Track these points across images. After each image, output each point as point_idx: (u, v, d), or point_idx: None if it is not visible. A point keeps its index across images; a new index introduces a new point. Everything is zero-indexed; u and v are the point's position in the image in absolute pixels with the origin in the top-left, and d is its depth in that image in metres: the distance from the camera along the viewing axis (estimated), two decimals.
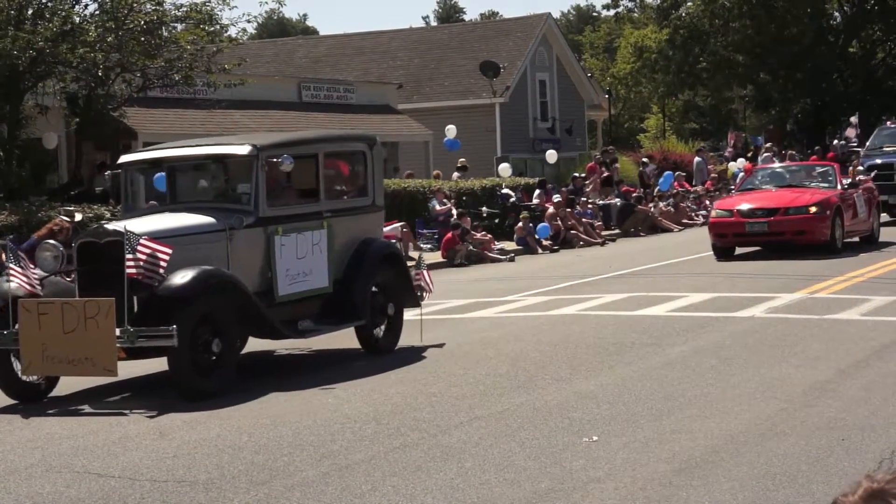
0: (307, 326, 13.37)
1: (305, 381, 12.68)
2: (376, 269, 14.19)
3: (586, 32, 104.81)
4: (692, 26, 65.25)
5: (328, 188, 14.21)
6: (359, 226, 14.37)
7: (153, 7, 26.81)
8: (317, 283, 13.57)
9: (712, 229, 24.78)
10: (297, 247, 13.30)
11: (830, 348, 13.18)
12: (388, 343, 14.36)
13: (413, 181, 33.66)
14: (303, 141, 14.59)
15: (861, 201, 25.40)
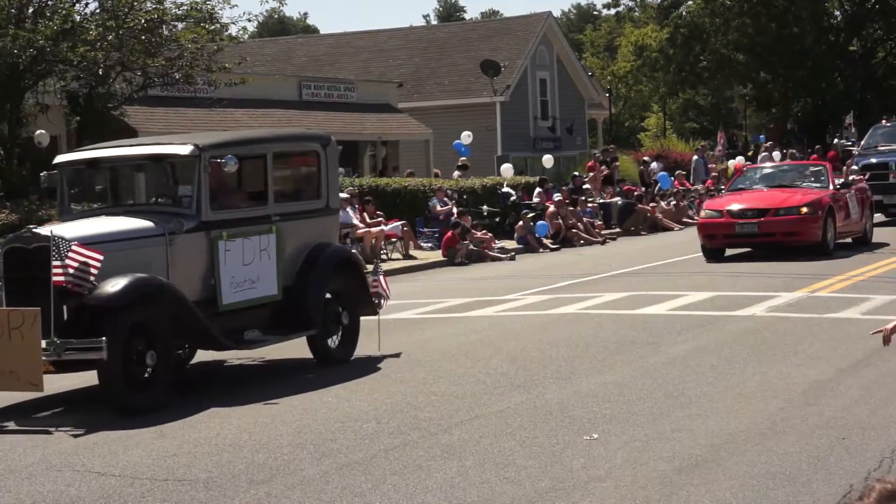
0: (254, 337, 12.73)
1: (306, 382, 12.68)
2: (330, 276, 13.57)
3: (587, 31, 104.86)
4: (692, 25, 65.30)
5: (278, 190, 13.52)
6: (311, 230, 13.68)
7: (154, 6, 26.83)
8: (265, 290, 12.89)
9: (701, 230, 24.36)
10: (243, 252, 12.63)
11: (831, 347, 13.18)
12: (343, 353, 13.72)
13: (413, 180, 33.67)
14: (249, 140, 13.83)
15: (854, 202, 25.06)
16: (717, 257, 23.78)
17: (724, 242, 23.96)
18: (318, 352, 13.59)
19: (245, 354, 13.86)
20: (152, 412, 10.92)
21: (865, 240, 25.75)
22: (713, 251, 23.96)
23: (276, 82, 40.46)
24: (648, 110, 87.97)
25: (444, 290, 21.46)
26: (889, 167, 31.46)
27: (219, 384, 12.96)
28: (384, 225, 28.37)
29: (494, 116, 48.46)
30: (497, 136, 48.22)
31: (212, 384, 12.97)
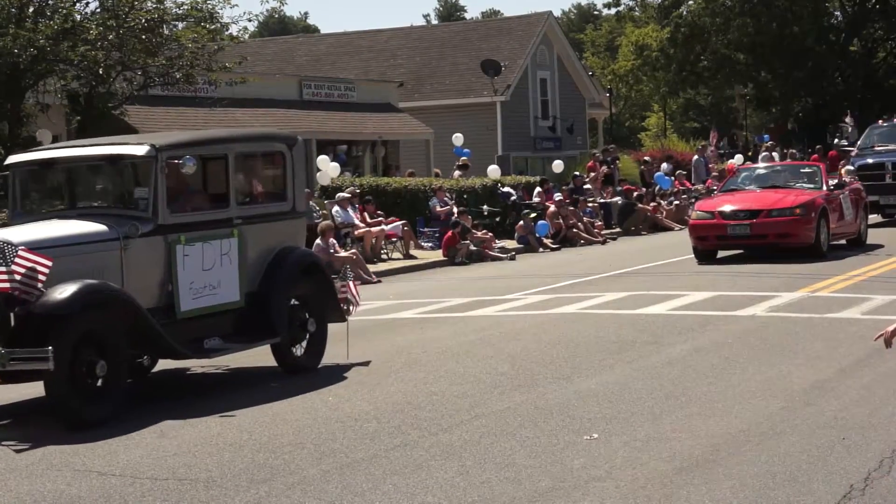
0: (214, 345, 12.20)
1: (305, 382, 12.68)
2: (296, 281, 13.08)
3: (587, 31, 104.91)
4: (693, 25, 65.28)
5: (240, 192, 13.03)
6: (276, 234, 13.17)
7: (154, 5, 26.81)
8: (226, 296, 12.37)
9: (693, 232, 23.87)
10: (202, 257, 12.10)
11: (831, 347, 13.18)
12: (310, 361, 13.26)
13: (414, 180, 33.68)
14: (209, 140, 13.31)
15: (848, 203, 24.69)
16: (708, 259, 23.40)
17: (715, 244, 23.54)
18: (284, 360, 13.12)
19: (209, 362, 13.29)
20: (104, 425, 10.40)
21: (860, 241, 25.37)
22: (705, 253, 23.56)
23: (277, 82, 40.46)
24: (649, 110, 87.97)
25: (444, 289, 21.47)
26: (885, 167, 31.08)
27: (221, 385, 12.96)
28: (384, 224, 28.38)
29: (495, 116, 48.47)
30: (497, 135, 48.22)
31: (213, 386, 12.97)
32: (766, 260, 22.62)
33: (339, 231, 26.73)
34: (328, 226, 24.96)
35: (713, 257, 23.53)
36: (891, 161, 31.21)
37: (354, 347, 14.70)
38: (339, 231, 26.73)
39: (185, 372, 13.62)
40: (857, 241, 25.29)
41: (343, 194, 28.73)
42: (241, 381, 12.97)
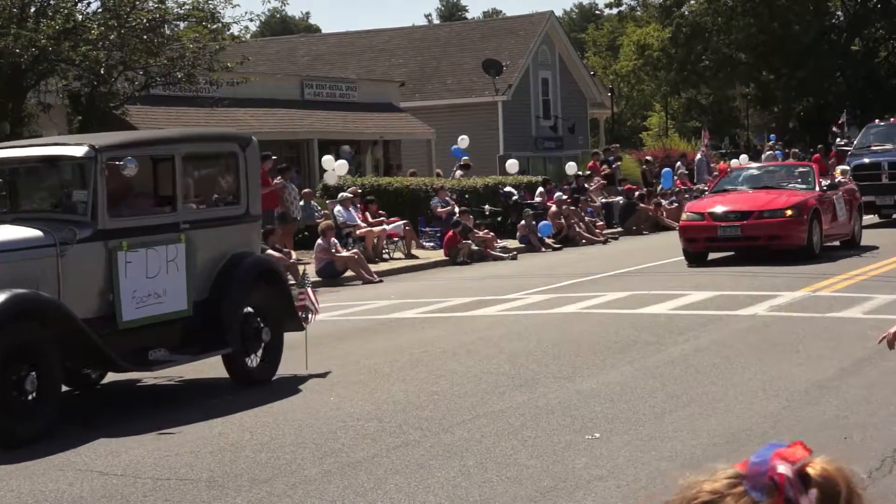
0: (160, 357, 11.57)
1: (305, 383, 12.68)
2: (249, 289, 12.49)
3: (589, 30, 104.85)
4: (695, 24, 65.28)
5: (188, 195, 12.49)
6: (228, 239, 12.57)
7: (155, 5, 26.82)
8: (172, 305, 11.73)
9: (683, 233, 23.42)
10: (146, 264, 11.47)
11: (832, 347, 13.18)
12: (264, 372, 12.63)
13: (415, 179, 33.68)
14: (154, 141, 12.86)
15: (841, 203, 24.26)
16: (699, 261, 22.94)
17: (706, 246, 23.11)
18: (236, 371, 12.47)
19: (162, 374, 12.67)
20: (36, 442, 9.98)
21: (854, 242, 24.95)
22: (695, 255, 23.10)
23: (279, 82, 40.46)
24: (650, 109, 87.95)
25: (445, 289, 21.47)
26: (882, 167, 30.61)
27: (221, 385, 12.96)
28: (386, 224, 28.39)
29: (496, 116, 48.47)
30: (499, 135, 48.22)
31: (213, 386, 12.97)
32: (759, 261, 22.32)
33: (341, 231, 26.74)
34: (329, 225, 24.98)
35: (703, 260, 23.13)
36: (887, 161, 30.86)
37: (356, 347, 14.73)
38: (341, 231, 26.74)
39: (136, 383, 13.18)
40: (852, 243, 24.89)
41: (345, 194, 28.75)
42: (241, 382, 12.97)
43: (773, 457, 1.90)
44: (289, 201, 27.48)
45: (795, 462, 1.89)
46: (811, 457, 1.92)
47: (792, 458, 1.91)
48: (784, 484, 1.86)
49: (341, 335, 15.98)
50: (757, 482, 1.88)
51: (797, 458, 1.90)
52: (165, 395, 12.44)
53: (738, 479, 1.90)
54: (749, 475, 1.89)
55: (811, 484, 1.87)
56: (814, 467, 1.90)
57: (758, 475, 1.88)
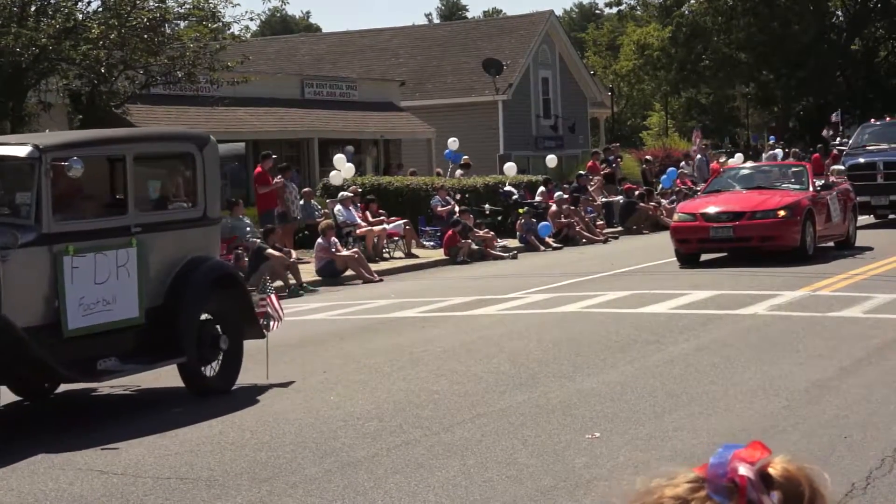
0: (109, 366, 11.00)
1: (305, 383, 12.68)
2: (206, 295, 11.99)
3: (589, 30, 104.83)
4: (695, 24, 65.30)
5: (141, 198, 11.96)
6: (184, 243, 12.05)
7: (156, 4, 26.83)
8: (123, 313, 11.19)
9: (674, 234, 23.13)
10: (95, 269, 10.90)
11: (832, 346, 13.18)
12: (223, 382, 12.08)
13: (416, 178, 33.69)
14: (104, 140, 12.21)
15: (835, 204, 23.99)
16: (691, 262, 22.69)
17: (697, 247, 22.85)
18: (192, 381, 11.92)
19: (118, 383, 12.29)
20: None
21: (849, 243, 24.65)
22: (687, 256, 22.85)
23: (279, 81, 40.46)
24: (650, 109, 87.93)
25: (446, 288, 21.47)
26: (877, 167, 30.25)
27: None
28: (386, 224, 28.39)
29: (496, 115, 48.47)
30: (499, 134, 48.22)
31: None
32: (756, 262, 22.16)
33: (341, 230, 26.75)
34: (329, 224, 24.99)
35: (696, 261, 22.88)
36: (882, 161, 30.54)
37: (356, 346, 14.72)
38: (341, 230, 26.75)
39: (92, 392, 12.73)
40: (846, 244, 24.59)
41: (345, 193, 28.76)
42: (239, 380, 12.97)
43: (733, 458, 1.89)
44: (289, 200, 27.50)
45: (755, 463, 1.88)
46: (771, 457, 1.90)
47: (751, 458, 1.90)
48: (745, 486, 1.85)
49: (341, 334, 15.99)
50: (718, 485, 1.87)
51: (756, 459, 1.89)
52: (166, 395, 12.43)
53: (700, 482, 1.89)
54: (710, 478, 1.88)
55: (773, 485, 1.86)
56: (775, 467, 1.89)
57: (718, 477, 1.87)
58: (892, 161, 30.36)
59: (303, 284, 22.54)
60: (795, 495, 1.85)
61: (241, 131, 35.09)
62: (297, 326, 17.36)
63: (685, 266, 22.52)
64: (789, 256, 22.07)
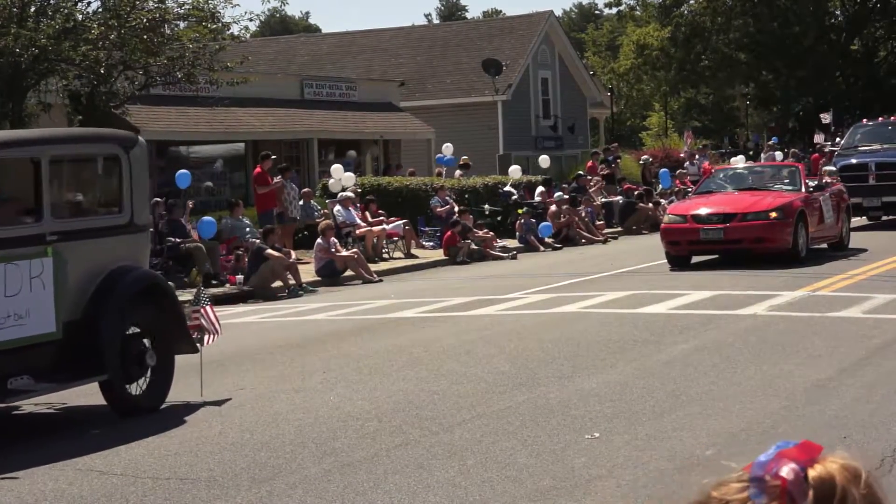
0: (20, 385, 10.23)
1: (304, 384, 12.68)
2: (132, 307, 11.24)
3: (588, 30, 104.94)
4: (694, 24, 65.33)
5: (58, 203, 11.13)
6: (108, 251, 11.26)
7: (156, 5, 26.82)
8: (37, 327, 10.40)
9: (664, 236, 22.77)
10: (4, 281, 10.12)
11: (832, 346, 13.18)
12: (150, 400, 11.33)
13: (415, 179, 33.69)
14: (15, 142, 11.24)
15: (828, 205, 23.58)
16: (681, 265, 22.31)
17: (688, 249, 22.49)
18: (115, 399, 11.12)
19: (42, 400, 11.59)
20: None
21: (842, 245, 24.32)
22: (677, 258, 22.51)
23: (278, 81, 40.45)
24: (650, 109, 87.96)
25: (445, 288, 21.47)
26: (869, 168, 29.74)
27: (219, 386, 12.96)
28: (386, 224, 28.40)
29: (496, 115, 48.46)
30: (499, 134, 48.22)
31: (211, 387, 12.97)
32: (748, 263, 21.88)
33: (341, 230, 26.75)
34: (329, 225, 24.99)
35: (687, 263, 22.52)
36: (874, 161, 29.97)
37: (356, 346, 14.72)
38: (341, 230, 26.75)
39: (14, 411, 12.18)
40: (839, 245, 24.25)
41: (345, 193, 28.76)
42: (237, 381, 12.97)
43: (778, 458, 1.90)
44: (287, 201, 27.49)
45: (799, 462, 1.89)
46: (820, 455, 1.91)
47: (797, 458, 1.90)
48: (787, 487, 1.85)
49: (341, 334, 15.99)
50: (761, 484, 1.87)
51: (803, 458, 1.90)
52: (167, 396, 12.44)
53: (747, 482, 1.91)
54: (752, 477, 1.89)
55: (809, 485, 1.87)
56: (815, 468, 1.89)
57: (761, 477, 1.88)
58: (884, 162, 29.93)
59: (302, 285, 22.55)
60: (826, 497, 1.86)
61: (240, 132, 35.09)
62: (296, 327, 17.37)
63: (676, 269, 22.18)
64: (781, 259, 21.79)
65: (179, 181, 26.45)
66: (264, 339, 16.09)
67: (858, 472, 1.90)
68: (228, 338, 16.46)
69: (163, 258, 23.26)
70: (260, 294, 22.10)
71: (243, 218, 26.07)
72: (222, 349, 14.09)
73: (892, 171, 29.52)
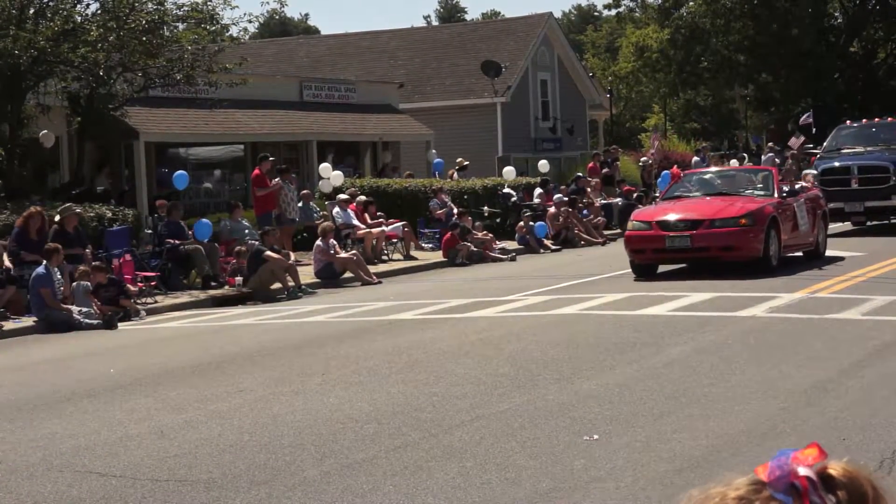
0: None
1: (304, 385, 12.67)
2: None
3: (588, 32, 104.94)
4: (693, 26, 65.37)
5: None
6: None
7: (154, 6, 26.84)
8: None
9: (628, 244, 21.73)
10: None
11: (831, 348, 13.18)
12: None
13: (415, 181, 33.70)
14: None
15: (802, 211, 22.35)
16: (647, 274, 21.33)
17: (653, 258, 21.49)
18: None
19: None
20: None
21: (818, 253, 23.10)
22: (642, 267, 21.52)
23: (277, 83, 40.44)
24: (649, 111, 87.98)
25: (444, 290, 21.47)
26: (851, 171, 28.66)
27: (219, 386, 12.96)
28: (385, 226, 28.40)
29: (495, 117, 48.45)
30: (498, 136, 48.22)
31: (210, 388, 12.97)
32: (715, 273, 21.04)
33: (340, 232, 26.75)
34: (329, 227, 24.99)
35: (653, 272, 21.57)
36: (857, 165, 28.90)
37: (355, 348, 14.72)
38: (340, 232, 26.75)
39: None
40: (815, 253, 23.06)
41: (343, 196, 28.77)
42: (236, 383, 12.96)
43: (793, 460, 1.91)
44: (285, 202, 27.49)
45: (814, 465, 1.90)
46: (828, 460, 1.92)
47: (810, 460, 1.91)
48: (808, 487, 1.86)
49: (340, 336, 15.99)
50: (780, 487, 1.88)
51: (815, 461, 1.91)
52: (161, 396, 12.43)
53: (760, 485, 1.92)
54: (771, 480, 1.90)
55: (836, 486, 1.88)
56: (835, 469, 1.90)
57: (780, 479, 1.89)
58: (868, 165, 28.83)
59: (301, 286, 22.55)
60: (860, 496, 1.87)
61: (239, 133, 35.09)
62: (295, 328, 17.37)
63: (640, 279, 21.19)
64: (751, 268, 20.80)
65: (177, 182, 26.44)
66: (263, 340, 16.09)
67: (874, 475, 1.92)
68: (228, 339, 16.48)
69: (162, 260, 23.26)
70: (259, 296, 22.09)
71: (242, 220, 26.07)
72: (222, 351, 14.08)
73: (876, 174, 28.43)
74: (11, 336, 18.35)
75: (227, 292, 22.48)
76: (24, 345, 17.56)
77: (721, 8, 64.07)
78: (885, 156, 28.96)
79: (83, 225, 22.27)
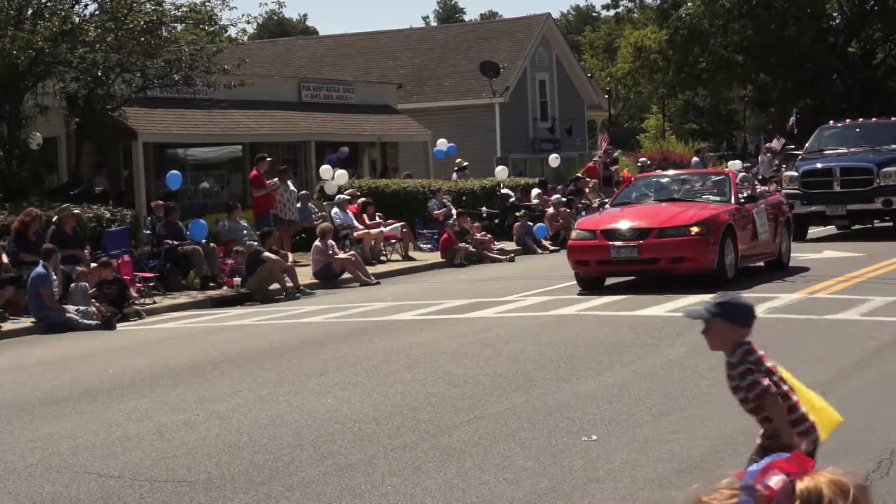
0: None
1: (303, 386, 12.66)
2: None
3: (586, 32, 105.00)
4: (692, 26, 65.38)
5: None
6: None
7: (153, 7, 26.82)
8: None
9: (571, 255, 20.00)
10: None
11: (830, 348, 13.18)
12: None
13: (413, 181, 33.70)
14: None
15: (763, 218, 20.75)
16: (593, 287, 19.67)
17: (598, 269, 19.86)
18: None
19: None
20: None
21: (781, 263, 21.49)
22: (587, 281, 19.90)
23: (276, 84, 40.44)
24: (648, 111, 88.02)
25: (443, 291, 21.46)
26: (834, 173, 27.36)
27: (218, 386, 12.95)
28: (383, 226, 28.39)
29: (494, 118, 48.48)
30: (496, 137, 48.24)
31: (209, 388, 12.96)
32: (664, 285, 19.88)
33: (339, 233, 26.75)
34: (328, 227, 24.98)
35: (600, 285, 19.98)
36: (839, 166, 27.59)
37: (353, 349, 14.71)
38: (339, 233, 26.75)
39: None
40: (777, 264, 21.44)
41: (343, 196, 28.77)
42: (234, 383, 12.96)
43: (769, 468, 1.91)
44: (282, 203, 27.46)
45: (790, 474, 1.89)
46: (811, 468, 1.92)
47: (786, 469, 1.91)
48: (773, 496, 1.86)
49: (339, 337, 15.98)
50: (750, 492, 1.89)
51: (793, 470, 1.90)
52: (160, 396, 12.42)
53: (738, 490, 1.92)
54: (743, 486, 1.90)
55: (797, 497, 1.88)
56: (804, 481, 1.90)
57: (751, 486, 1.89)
58: (851, 167, 27.57)
59: (300, 287, 22.54)
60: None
61: (237, 134, 35.08)
62: (294, 329, 17.36)
63: (585, 293, 19.45)
64: (705, 280, 18.91)
65: (170, 182, 26.42)
66: (262, 341, 16.08)
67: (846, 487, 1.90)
68: (226, 340, 16.47)
69: (161, 261, 23.25)
70: (257, 296, 22.08)
71: (241, 220, 26.06)
72: (220, 351, 14.07)
73: (859, 176, 27.21)
74: (10, 337, 18.34)
75: (225, 293, 22.47)
76: (22, 345, 17.55)
77: (720, 8, 64.09)
78: (868, 157, 27.89)
79: (81, 225, 22.26)
